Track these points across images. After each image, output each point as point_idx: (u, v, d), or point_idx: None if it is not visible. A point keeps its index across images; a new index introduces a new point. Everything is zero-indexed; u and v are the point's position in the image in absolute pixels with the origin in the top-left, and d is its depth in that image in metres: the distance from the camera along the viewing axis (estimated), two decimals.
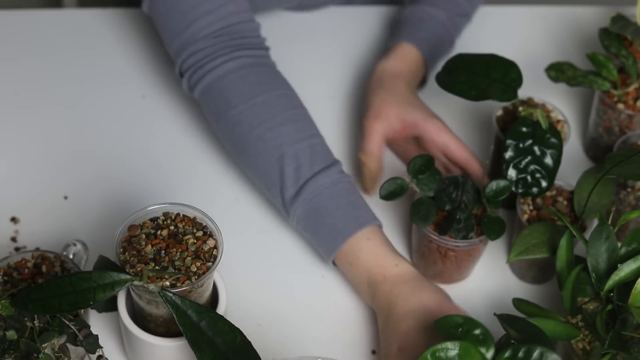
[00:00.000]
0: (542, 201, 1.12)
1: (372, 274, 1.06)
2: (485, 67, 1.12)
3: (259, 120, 1.11)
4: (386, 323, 1.03)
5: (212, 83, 1.13)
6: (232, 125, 1.12)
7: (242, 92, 1.12)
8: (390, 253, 1.07)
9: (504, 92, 1.10)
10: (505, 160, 1.09)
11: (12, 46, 1.33)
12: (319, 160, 1.10)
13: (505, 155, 1.09)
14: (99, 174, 1.20)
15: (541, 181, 1.09)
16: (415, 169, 1.08)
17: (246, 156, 1.12)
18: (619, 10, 1.28)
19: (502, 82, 1.11)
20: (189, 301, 0.91)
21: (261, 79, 1.14)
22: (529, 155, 1.09)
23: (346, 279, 1.11)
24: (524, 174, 1.09)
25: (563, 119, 1.18)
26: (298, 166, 1.09)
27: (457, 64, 1.13)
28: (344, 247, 1.07)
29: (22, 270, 1.01)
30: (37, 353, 0.92)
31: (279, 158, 1.10)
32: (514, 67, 1.11)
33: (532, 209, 1.12)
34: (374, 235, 1.08)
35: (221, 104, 1.13)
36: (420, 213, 1.07)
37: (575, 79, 1.18)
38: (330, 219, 1.08)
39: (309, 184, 1.09)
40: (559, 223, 1.08)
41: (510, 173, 1.09)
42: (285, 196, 1.10)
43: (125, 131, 1.25)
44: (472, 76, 1.11)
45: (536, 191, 1.09)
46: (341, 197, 1.09)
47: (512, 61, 1.12)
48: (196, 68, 1.14)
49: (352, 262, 1.07)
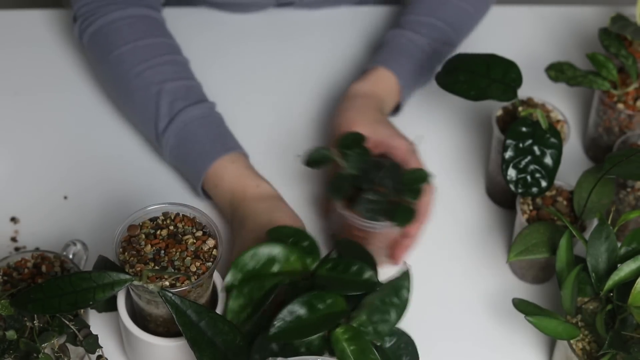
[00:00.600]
0: (541, 201, 1.12)
1: (234, 194, 1.11)
2: (484, 67, 1.12)
3: (140, 59, 1.17)
4: (238, 235, 1.08)
5: (100, 28, 1.19)
6: (115, 64, 1.18)
7: (127, 36, 1.19)
8: (253, 175, 1.13)
9: (504, 92, 1.10)
10: (505, 160, 1.09)
11: (12, 46, 1.33)
12: (194, 96, 1.17)
13: (505, 155, 1.09)
14: (99, 174, 1.20)
15: (541, 181, 1.09)
16: (344, 143, 1.09)
17: (125, 94, 1.18)
18: (619, 10, 1.28)
19: (501, 82, 1.11)
20: (188, 301, 0.91)
21: (148, 28, 1.20)
22: (528, 155, 1.09)
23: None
24: (524, 173, 1.09)
25: (563, 119, 1.18)
26: (173, 100, 1.15)
27: (457, 64, 1.13)
28: (211, 170, 1.12)
29: (22, 270, 1.01)
30: (37, 353, 0.92)
31: (156, 93, 1.15)
32: (514, 67, 1.11)
33: (532, 209, 1.11)
34: (239, 159, 1.14)
35: (106, 46, 1.19)
36: (335, 185, 1.07)
37: (575, 79, 1.18)
38: (199, 145, 1.13)
39: (181, 114, 1.14)
40: (558, 223, 1.08)
41: (510, 173, 1.09)
42: (158, 127, 1.15)
43: (125, 131, 1.24)
44: (471, 76, 1.11)
45: (536, 191, 1.09)
46: (211, 128, 1.15)
47: (511, 61, 1.12)
48: (88, 15, 1.20)
49: (217, 184, 1.12)
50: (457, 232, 1.19)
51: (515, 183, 1.09)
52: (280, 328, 0.90)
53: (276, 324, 0.90)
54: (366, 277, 0.95)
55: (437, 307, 1.11)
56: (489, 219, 1.20)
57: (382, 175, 1.06)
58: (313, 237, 0.99)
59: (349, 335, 0.91)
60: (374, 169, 1.07)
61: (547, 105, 1.19)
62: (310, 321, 0.91)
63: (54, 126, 1.25)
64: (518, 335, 1.10)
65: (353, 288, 0.94)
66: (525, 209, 1.11)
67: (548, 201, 1.12)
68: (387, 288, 0.92)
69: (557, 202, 1.11)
